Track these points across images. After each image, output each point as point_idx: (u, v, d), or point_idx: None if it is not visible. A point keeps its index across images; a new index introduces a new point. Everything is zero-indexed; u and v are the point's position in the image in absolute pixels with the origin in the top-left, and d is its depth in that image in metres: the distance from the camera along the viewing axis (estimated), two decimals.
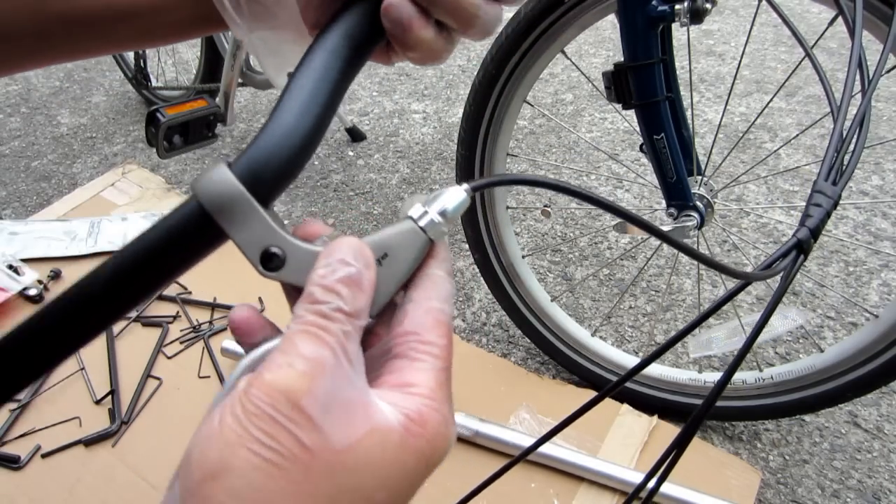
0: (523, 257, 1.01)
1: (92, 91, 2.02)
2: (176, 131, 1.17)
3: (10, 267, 1.20)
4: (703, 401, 0.31)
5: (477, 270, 1.22)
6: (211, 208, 0.24)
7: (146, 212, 1.39)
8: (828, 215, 0.33)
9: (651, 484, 0.33)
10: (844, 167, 0.36)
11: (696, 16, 0.66)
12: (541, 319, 1.03)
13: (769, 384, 0.88)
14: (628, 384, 0.99)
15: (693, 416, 0.31)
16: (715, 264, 0.30)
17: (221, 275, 1.24)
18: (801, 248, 0.31)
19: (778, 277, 0.31)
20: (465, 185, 0.28)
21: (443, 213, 0.27)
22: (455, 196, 0.27)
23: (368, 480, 0.22)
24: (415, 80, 1.92)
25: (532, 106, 0.96)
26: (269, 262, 0.26)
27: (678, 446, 0.32)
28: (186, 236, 0.25)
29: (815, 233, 0.32)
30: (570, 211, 1.40)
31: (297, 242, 0.26)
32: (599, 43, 2.04)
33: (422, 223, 0.27)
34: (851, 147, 0.37)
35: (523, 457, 0.37)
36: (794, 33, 0.49)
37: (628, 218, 0.29)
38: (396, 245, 0.27)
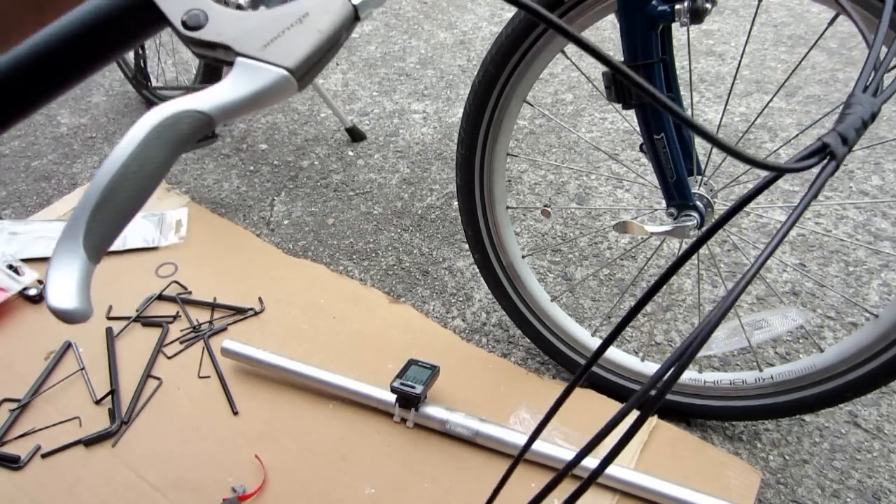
0: (523, 257, 1.01)
1: (92, 91, 2.02)
2: None
3: (10, 267, 1.21)
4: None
5: (477, 270, 1.22)
6: None
7: (146, 212, 1.39)
8: (864, 125, 0.30)
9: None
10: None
11: (696, 16, 0.66)
12: (541, 319, 1.03)
13: (769, 384, 0.88)
14: (628, 384, 0.99)
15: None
16: (738, 153, 0.27)
17: (221, 275, 1.24)
18: (827, 152, 0.28)
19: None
20: None
21: None
22: None
23: None
24: (415, 80, 1.92)
25: (532, 106, 0.96)
26: (191, 21, 0.28)
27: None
28: (121, 4, 0.28)
29: (846, 139, 0.28)
30: (570, 211, 1.40)
31: (219, 7, 0.28)
32: (599, 43, 2.04)
33: None
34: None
35: (523, 454, 0.38)
36: None
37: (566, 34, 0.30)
38: (317, 6, 0.29)
